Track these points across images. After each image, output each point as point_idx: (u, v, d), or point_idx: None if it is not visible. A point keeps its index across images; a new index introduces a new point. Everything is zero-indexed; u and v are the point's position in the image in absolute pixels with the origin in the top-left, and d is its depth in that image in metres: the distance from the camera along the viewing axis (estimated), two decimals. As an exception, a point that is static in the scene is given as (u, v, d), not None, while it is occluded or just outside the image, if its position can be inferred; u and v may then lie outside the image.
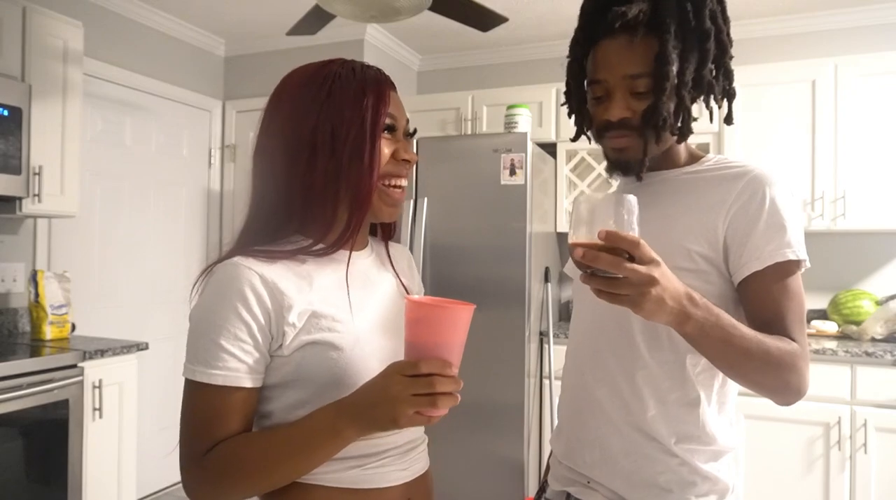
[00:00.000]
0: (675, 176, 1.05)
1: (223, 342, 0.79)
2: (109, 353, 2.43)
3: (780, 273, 0.94)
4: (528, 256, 2.77)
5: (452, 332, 0.77)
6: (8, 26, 2.37)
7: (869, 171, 2.78)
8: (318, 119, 0.85)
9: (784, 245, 0.93)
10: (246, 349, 0.80)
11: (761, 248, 0.93)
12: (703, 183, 1.01)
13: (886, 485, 2.46)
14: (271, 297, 0.81)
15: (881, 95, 2.76)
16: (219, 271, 0.83)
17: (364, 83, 0.88)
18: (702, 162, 1.05)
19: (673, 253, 0.94)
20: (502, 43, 3.67)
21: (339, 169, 0.85)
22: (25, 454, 2.13)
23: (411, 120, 1.02)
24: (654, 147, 0.98)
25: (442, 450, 2.90)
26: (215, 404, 0.80)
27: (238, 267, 0.82)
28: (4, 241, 2.70)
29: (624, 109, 0.96)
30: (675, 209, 1.01)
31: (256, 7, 3.26)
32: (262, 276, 0.81)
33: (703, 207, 0.98)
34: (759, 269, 0.93)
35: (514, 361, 2.78)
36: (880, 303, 2.89)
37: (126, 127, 3.27)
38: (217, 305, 0.81)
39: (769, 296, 0.94)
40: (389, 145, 0.89)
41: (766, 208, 0.94)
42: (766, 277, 0.93)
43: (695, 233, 0.97)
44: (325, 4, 2.02)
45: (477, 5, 2.21)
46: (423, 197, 2.94)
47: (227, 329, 0.79)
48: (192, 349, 0.81)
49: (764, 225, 0.94)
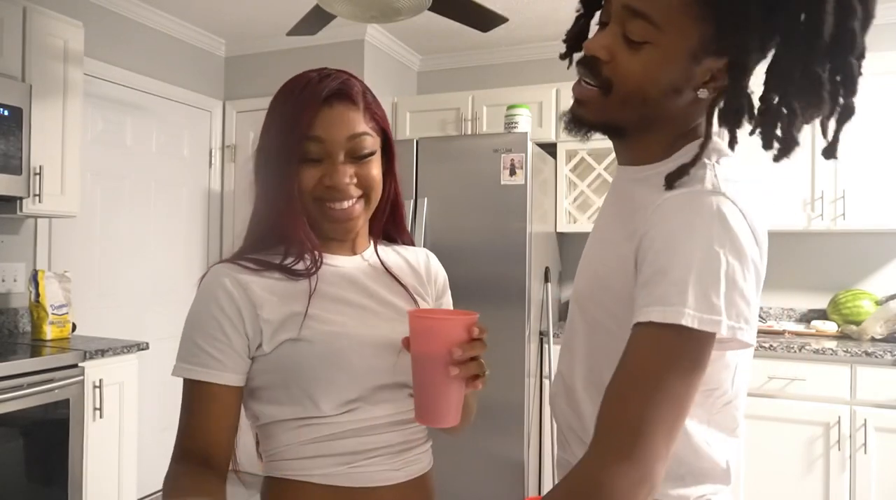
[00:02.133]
0: (633, 175, 0.81)
1: (199, 341, 0.83)
2: (110, 353, 2.44)
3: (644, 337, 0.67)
4: (528, 256, 2.77)
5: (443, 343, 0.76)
6: (8, 26, 2.38)
7: (869, 171, 2.78)
8: (265, 139, 0.87)
9: (653, 301, 0.66)
10: (220, 347, 0.83)
11: (642, 298, 0.69)
12: (638, 194, 0.77)
13: (886, 485, 2.46)
14: (242, 297, 0.83)
15: (881, 95, 2.76)
16: (204, 278, 0.87)
17: (300, 102, 0.84)
18: (669, 159, 0.78)
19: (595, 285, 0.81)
20: (502, 43, 3.67)
21: (266, 194, 0.87)
22: (26, 454, 2.13)
23: (411, 120, 1.01)
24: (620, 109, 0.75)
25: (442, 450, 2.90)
26: (192, 399, 0.83)
27: (215, 272, 0.86)
28: (5, 241, 2.70)
29: (602, 46, 0.74)
30: (611, 227, 0.81)
31: (257, 7, 3.26)
32: (235, 278, 0.85)
33: (627, 231, 0.75)
34: (635, 322, 0.69)
35: (514, 361, 2.78)
36: (880, 303, 2.89)
37: (126, 127, 3.27)
38: (195, 307, 0.86)
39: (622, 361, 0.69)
40: (313, 172, 0.85)
41: (658, 244, 0.68)
42: (634, 337, 0.68)
43: (617, 264, 0.76)
44: (325, 5, 2.02)
45: (477, 5, 2.21)
46: (423, 197, 2.94)
47: (202, 328, 0.83)
48: (181, 347, 0.85)
49: (648, 269, 0.69)
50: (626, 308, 0.72)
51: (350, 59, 3.51)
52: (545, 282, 3.06)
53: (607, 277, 0.78)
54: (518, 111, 3.10)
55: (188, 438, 0.82)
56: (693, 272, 0.65)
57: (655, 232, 0.69)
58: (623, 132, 0.80)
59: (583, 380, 0.82)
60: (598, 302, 0.79)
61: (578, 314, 0.85)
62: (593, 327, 0.81)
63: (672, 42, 0.70)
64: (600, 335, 0.79)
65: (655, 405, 0.65)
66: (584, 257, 0.88)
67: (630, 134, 0.79)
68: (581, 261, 0.90)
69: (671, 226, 0.68)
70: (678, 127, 0.78)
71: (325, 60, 3.72)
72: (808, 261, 3.17)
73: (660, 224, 0.69)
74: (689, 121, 0.78)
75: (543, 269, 3.07)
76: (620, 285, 0.74)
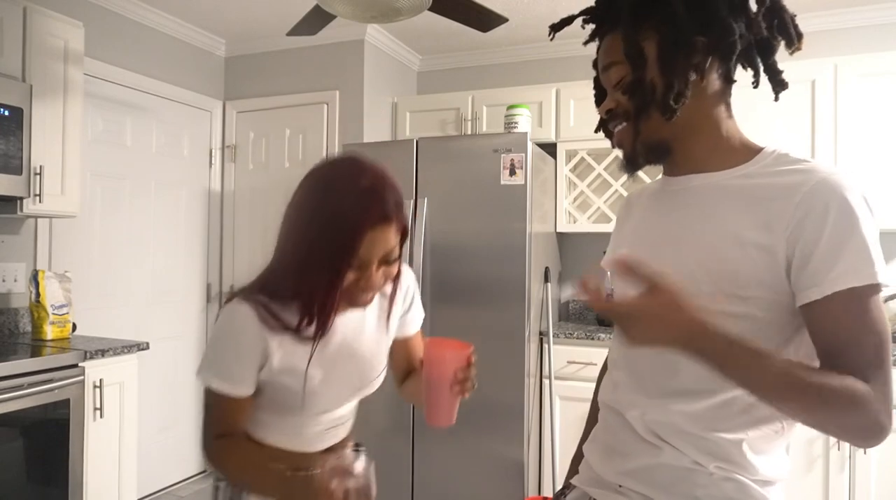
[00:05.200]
0: (721, 181, 0.91)
1: (229, 363, 1.07)
2: (110, 353, 2.44)
3: (848, 301, 0.79)
4: (528, 256, 2.77)
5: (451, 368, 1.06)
6: (8, 26, 2.38)
7: (869, 171, 2.78)
8: (309, 221, 1.01)
9: (851, 269, 0.79)
10: (243, 370, 1.07)
11: (822, 273, 0.80)
12: (757, 191, 0.87)
13: (886, 485, 2.46)
14: (259, 340, 1.05)
15: (881, 95, 2.76)
16: (233, 309, 1.06)
17: (351, 220, 0.97)
18: (757, 160, 0.90)
19: (716, 282, 0.86)
20: (502, 43, 3.67)
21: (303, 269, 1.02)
22: (26, 454, 2.13)
23: (411, 120, 1.07)
24: (645, 130, 0.91)
25: (442, 450, 2.90)
26: (221, 404, 1.08)
27: (241, 317, 1.05)
28: (5, 241, 2.71)
29: (609, 101, 0.95)
30: (722, 223, 0.88)
31: (257, 7, 3.26)
32: (256, 329, 1.05)
33: (759, 222, 0.84)
34: (817, 298, 0.80)
35: (514, 361, 2.78)
36: (880, 303, 2.89)
37: (126, 127, 3.27)
38: (227, 335, 1.07)
39: (832, 328, 0.81)
40: (350, 275, 1.01)
41: (829, 223, 0.80)
42: (831, 305, 0.80)
43: (748, 254, 0.84)
44: (325, 5, 2.03)
45: (477, 6, 2.21)
46: (423, 197, 2.94)
47: (231, 355, 1.07)
48: (208, 362, 1.08)
49: (826, 244, 0.80)
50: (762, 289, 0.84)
51: (350, 59, 3.51)
52: (545, 282, 3.07)
53: (737, 268, 0.85)
54: (518, 111, 3.10)
55: (224, 426, 1.09)
56: (869, 244, 0.80)
57: (820, 210, 0.81)
58: (667, 146, 0.94)
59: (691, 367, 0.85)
60: (722, 292, 0.85)
61: None
62: None
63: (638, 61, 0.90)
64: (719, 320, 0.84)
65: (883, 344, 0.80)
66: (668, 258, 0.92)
67: (677, 147, 0.94)
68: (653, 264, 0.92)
69: (841, 200, 0.81)
70: (712, 129, 0.93)
71: (325, 60, 3.75)
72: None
73: (822, 203, 0.81)
74: (716, 121, 0.93)
75: (543, 269, 3.07)
76: (759, 270, 0.83)
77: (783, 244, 0.82)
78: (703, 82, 0.90)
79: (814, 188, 0.82)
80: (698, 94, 0.90)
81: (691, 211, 0.93)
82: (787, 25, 0.91)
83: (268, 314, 1.04)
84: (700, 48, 0.88)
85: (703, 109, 0.91)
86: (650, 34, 0.89)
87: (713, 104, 0.92)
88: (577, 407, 2.90)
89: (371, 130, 3.52)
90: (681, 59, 0.88)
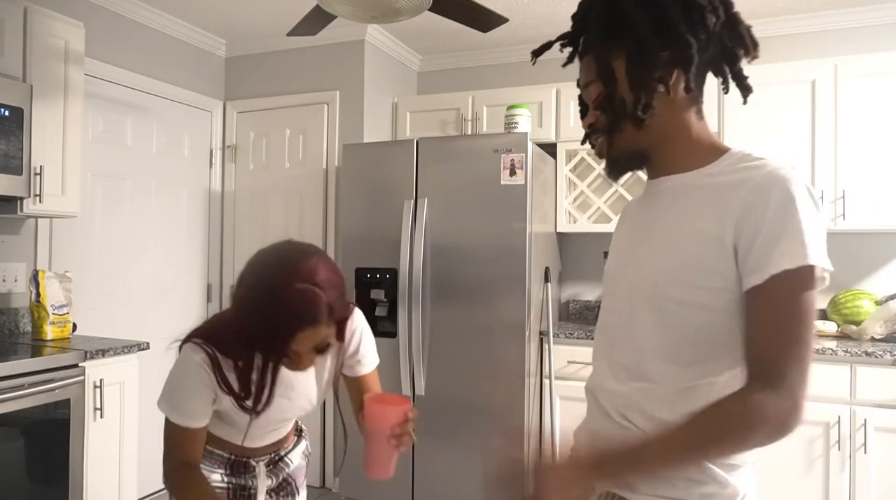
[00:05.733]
0: (689, 180, 0.98)
1: (185, 399, 1.22)
2: (110, 353, 2.44)
3: (781, 285, 0.85)
4: (528, 256, 2.77)
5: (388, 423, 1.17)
6: (9, 26, 2.38)
7: (868, 171, 2.78)
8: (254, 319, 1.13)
9: (786, 253, 0.84)
10: (196, 407, 1.22)
11: (763, 259, 0.85)
12: (716, 187, 0.93)
13: (886, 485, 2.46)
14: (211, 388, 1.22)
15: (881, 95, 2.76)
16: (189, 357, 1.21)
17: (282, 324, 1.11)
18: (722, 160, 0.97)
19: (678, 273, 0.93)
20: (502, 43, 3.67)
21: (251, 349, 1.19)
22: (26, 454, 2.13)
23: (411, 121, 1.12)
24: (620, 141, 1.00)
25: (442, 450, 2.90)
26: (180, 436, 1.23)
27: (196, 363, 1.21)
28: (5, 241, 2.71)
29: (590, 116, 1.04)
30: (685, 218, 0.95)
31: (257, 7, 3.26)
32: (208, 376, 1.21)
33: (713, 214, 0.91)
34: (758, 283, 0.86)
35: (514, 361, 2.78)
36: (880, 303, 2.90)
37: (127, 127, 3.28)
38: (183, 378, 1.22)
39: (765, 313, 0.86)
40: (287, 360, 1.17)
41: (769, 212, 0.86)
42: (768, 290, 0.85)
43: (703, 245, 0.91)
44: (325, 5, 2.03)
45: (477, 6, 2.21)
46: (424, 197, 2.94)
47: (186, 395, 1.22)
48: (167, 395, 1.24)
49: (766, 232, 0.85)
50: (718, 279, 0.90)
51: (350, 60, 3.51)
52: (545, 282, 3.07)
53: (696, 259, 0.91)
54: (518, 111, 3.10)
55: (179, 455, 1.23)
56: (805, 230, 0.84)
57: (763, 201, 0.86)
58: (644, 154, 1.01)
59: (652, 349, 0.96)
60: (684, 283, 0.92)
61: (642, 303, 0.98)
62: (665, 306, 0.95)
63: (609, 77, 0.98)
64: (678, 313, 0.93)
65: (799, 341, 0.84)
66: (636, 255, 1.02)
67: (652, 154, 1.01)
68: (624, 259, 1.05)
69: (783, 191, 0.86)
70: (683, 135, 0.99)
71: (325, 60, 3.74)
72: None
73: (765, 194, 0.87)
74: (686, 127, 0.99)
75: (543, 269, 3.07)
76: (713, 260, 0.90)
77: (731, 234, 0.88)
78: (670, 94, 0.96)
79: (759, 181, 0.88)
80: (667, 104, 0.97)
81: (663, 210, 1.00)
82: (743, 37, 0.97)
83: (216, 372, 1.20)
84: (663, 63, 0.95)
85: (674, 117, 0.98)
86: (619, 54, 0.97)
87: (682, 111, 0.99)
88: (577, 407, 2.90)
89: (371, 130, 3.52)
90: (646, 75, 0.95)
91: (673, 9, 0.93)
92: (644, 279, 0.98)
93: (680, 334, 0.93)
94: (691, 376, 0.92)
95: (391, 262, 3.00)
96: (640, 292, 0.98)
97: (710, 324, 0.91)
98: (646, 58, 0.94)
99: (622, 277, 1.04)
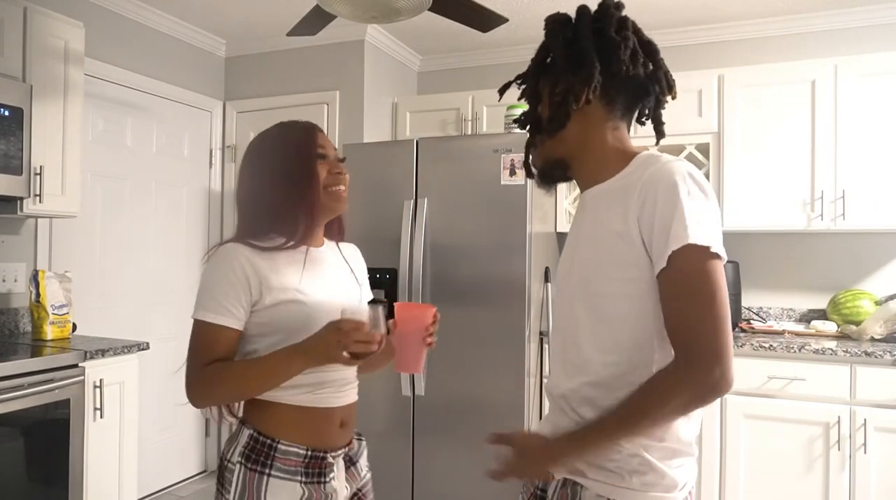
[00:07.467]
0: (605, 187, 1.08)
1: (217, 295, 1.20)
2: (110, 353, 2.44)
3: (677, 265, 0.94)
4: (528, 256, 2.77)
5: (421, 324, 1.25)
6: (9, 27, 2.38)
7: (868, 171, 2.78)
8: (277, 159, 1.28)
9: (673, 237, 0.94)
10: (231, 302, 1.19)
11: (661, 247, 0.95)
12: (623, 189, 1.03)
13: (886, 485, 2.46)
14: (251, 269, 1.21)
15: (881, 96, 2.76)
16: (218, 251, 1.24)
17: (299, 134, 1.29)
18: (631, 164, 1.06)
19: (599, 269, 1.04)
20: (502, 43, 3.67)
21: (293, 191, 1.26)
22: (26, 454, 2.13)
23: (411, 121, 1.17)
24: (541, 151, 1.14)
25: (442, 450, 2.90)
26: (209, 335, 1.19)
27: (230, 249, 1.23)
28: (5, 241, 2.71)
29: None
30: (603, 221, 1.05)
31: (257, 7, 3.26)
32: (246, 257, 1.22)
33: (621, 215, 1.01)
34: (662, 267, 0.96)
35: (514, 361, 2.78)
36: (880, 303, 2.90)
37: (127, 127, 3.28)
38: (215, 272, 1.21)
39: (667, 295, 0.97)
40: (323, 167, 1.28)
41: (659, 203, 0.96)
42: (669, 273, 0.95)
43: (617, 243, 1.01)
44: (325, 5, 2.03)
45: (477, 6, 2.21)
46: (424, 197, 2.94)
47: (220, 288, 1.20)
48: (199, 299, 1.21)
49: (659, 221, 0.95)
50: (632, 270, 1.00)
51: (350, 60, 3.51)
52: (545, 282, 3.07)
53: (612, 254, 1.02)
54: (518, 111, 3.10)
55: (209, 353, 1.19)
56: (686, 213, 0.94)
57: (652, 194, 0.97)
58: (564, 163, 1.14)
59: (591, 343, 1.06)
60: (606, 277, 1.03)
61: (578, 301, 1.09)
62: (595, 301, 1.05)
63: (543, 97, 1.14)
64: (606, 305, 1.04)
65: (703, 312, 0.93)
66: (572, 259, 1.14)
67: (573, 164, 1.13)
68: (566, 265, 1.16)
69: (662, 187, 0.96)
70: (598, 145, 1.11)
71: (325, 60, 3.75)
72: (808, 261, 3.17)
73: (653, 188, 0.97)
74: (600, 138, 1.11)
75: (543, 269, 3.07)
76: (625, 254, 1.00)
77: (636, 229, 0.99)
78: (583, 109, 1.08)
79: (649, 178, 0.99)
80: (581, 118, 1.09)
81: (587, 216, 1.12)
82: (660, 79, 1.10)
83: (255, 243, 1.22)
84: (576, 81, 1.07)
85: (585, 129, 1.10)
86: (546, 81, 1.12)
87: (596, 124, 1.10)
88: (577, 407, 2.90)
89: (371, 131, 3.52)
90: (559, 94, 1.08)
91: (586, 39, 1.07)
92: (577, 280, 1.10)
93: (611, 325, 1.03)
94: (627, 362, 1.01)
95: (391, 262, 3.00)
96: (576, 292, 1.09)
97: (635, 312, 1.00)
98: (560, 80, 1.08)
99: (563, 280, 1.16)
